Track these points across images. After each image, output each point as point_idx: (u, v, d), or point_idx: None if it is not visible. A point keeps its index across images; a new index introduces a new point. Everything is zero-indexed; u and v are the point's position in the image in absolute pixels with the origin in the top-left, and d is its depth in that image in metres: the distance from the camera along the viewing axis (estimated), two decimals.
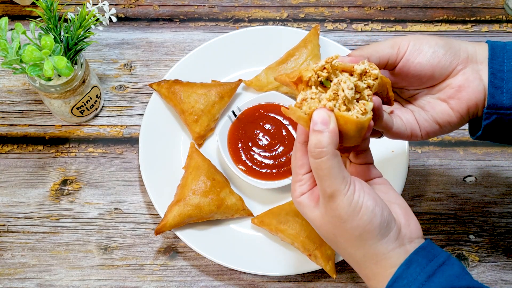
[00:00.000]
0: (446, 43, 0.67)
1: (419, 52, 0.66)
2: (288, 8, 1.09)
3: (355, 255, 0.62)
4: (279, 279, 0.86)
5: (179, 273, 0.86)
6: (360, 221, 0.60)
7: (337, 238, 0.62)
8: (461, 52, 0.66)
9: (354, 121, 0.57)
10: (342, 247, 0.63)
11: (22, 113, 0.99)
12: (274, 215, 0.84)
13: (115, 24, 1.06)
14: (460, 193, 0.92)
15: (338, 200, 0.59)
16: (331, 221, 0.61)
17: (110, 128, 0.97)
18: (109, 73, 1.02)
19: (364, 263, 0.62)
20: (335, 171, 0.59)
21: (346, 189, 0.60)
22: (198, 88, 0.93)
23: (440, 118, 0.69)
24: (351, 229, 0.60)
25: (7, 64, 0.82)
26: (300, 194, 0.64)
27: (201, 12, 1.09)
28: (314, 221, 0.64)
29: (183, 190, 0.85)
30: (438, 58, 0.66)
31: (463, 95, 0.66)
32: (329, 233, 0.63)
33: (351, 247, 0.62)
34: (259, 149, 0.91)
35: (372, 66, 0.60)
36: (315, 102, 0.58)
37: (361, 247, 0.61)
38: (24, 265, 0.87)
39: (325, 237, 0.64)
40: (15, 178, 0.93)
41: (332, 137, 0.57)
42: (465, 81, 0.66)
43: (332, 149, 0.58)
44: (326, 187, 0.59)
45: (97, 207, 0.91)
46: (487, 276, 0.86)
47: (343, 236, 0.61)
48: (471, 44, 0.67)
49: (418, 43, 0.66)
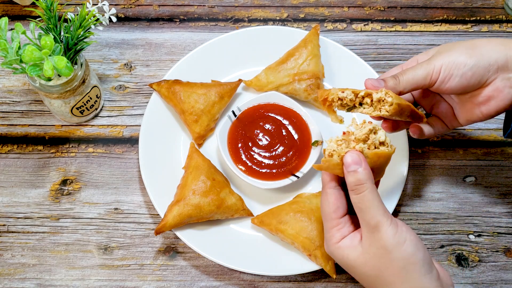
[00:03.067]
0: (475, 63, 0.70)
1: (449, 77, 0.71)
2: (288, 8, 1.09)
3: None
4: (279, 279, 0.86)
5: (179, 273, 0.86)
6: (405, 252, 0.62)
7: (382, 273, 0.63)
8: (490, 66, 0.70)
9: (387, 154, 0.67)
10: (387, 281, 0.64)
11: (22, 113, 0.99)
12: (274, 215, 0.84)
13: (115, 24, 1.06)
14: (460, 193, 0.92)
15: (383, 230, 0.63)
16: (376, 253, 0.63)
17: (110, 128, 0.97)
18: (109, 73, 1.02)
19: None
20: (376, 203, 0.64)
21: (389, 221, 0.64)
22: (198, 88, 0.93)
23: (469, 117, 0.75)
24: (396, 260, 0.62)
25: (7, 64, 0.82)
26: (341, 238, 0.67)
27: (201, 12, 1.09)
28: (356, 260, 0.65)
29: (183, 190, 0.85)
30: (467, 80, 0.70)
31: (492, 103, 0.72)
32: (374, 269, 0.64)
33: (397, 280, 0.63)
34: (259, 149, 0.91)
35: (388, 94, 0.68)
36: (343, 148, 0.66)
37: (406, 280, 0.63)
38: (24, 265, 0.87)
39: (368, 275, 0.65)
40: (15, 178, 0.93)
41: (367, 173, 0.65)
42: (495, 91, 0.71)
43: (371, 184, 0.64)
44: (370, 219, 0.63)
45: (97, 207, 0.91)
46: (487, 276, 0.86)
47: (388, 269, 0.63)
48: (504, 50, 0.70)
49: (448, 68, 0.70)
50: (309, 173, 0.91)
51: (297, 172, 0.89)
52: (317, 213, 0.83)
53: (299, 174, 0.88)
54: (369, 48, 1.05)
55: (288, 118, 0.93)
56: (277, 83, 0.95)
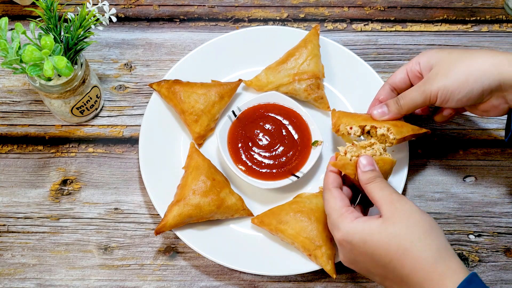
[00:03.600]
0: (469, 91, 0.76)
1: (447, 100, 0.78)
2: (288, 8, 1.09)
3: (431, 248, 0.65)
4: (279, 279, 0.86)
5: (179, 273, 0.86)
6: (428, 215, 0.68)
7: (410, 229, 0.66)
8: (484, 91, 0.76)
9: (391, 162, 0.78)
10: (408, 240, 0.66)
11: (22, 113, 0.99)
12: (274, 215, 0.84)
13: (115, 24, 1.06)
14: (460, 193, 0.92)
15: (403, 200, 0.69)
16: (402, 217, 0.67)
17: (110, 128, 0.97)
18: (109, 73, 1.02)
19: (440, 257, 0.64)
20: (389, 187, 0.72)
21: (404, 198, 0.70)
22: (198, 88, 0.93)
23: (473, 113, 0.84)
24: (422, 221, 0.67)
25: (7, 64, 0.82)
26: (356, 218, 0.70)
27: (201, 12, 1.09)
28: (380, 226, 0.68)
29: (183, 190, 0.85)
30: (463, 103, 0.78)
31: (490, 113, 0.80)
32: (401, 230, 0.66)
33: (426, 239, 0.65)
34: (259, 149, 0.91)
35: (390, 130, 0.81)
36: (355, 152, 0.76)
37: (434, 239, 0.66)
38: (24, 265, 0.87)
39: (387, 241, 0.67)
40: (15, 178, 0.93)
41: (378, 172, 0.74)
42: (491, 107, 0.79)
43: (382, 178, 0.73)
44: (390, 193, 0.70)
45: (97, 207, 0.91)
46: (487, 276, 0.86)
47: (416, 229, 0.66)
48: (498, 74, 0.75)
49: (444, 94, 0.77)
50: (309, 173, 0.91)
51: (297, 172, 0.89)
52: (317, 213, 0.83)
53: (299, 174, 0.88)
54: (369, 48, 1.05)
55: (288, 118, 0.93)
56: (277, 83, 0.95)
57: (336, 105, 0.96)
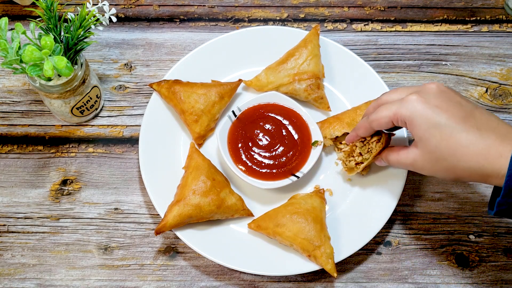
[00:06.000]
0: (453, 178, 0.72)
1: (413, 128, 0.73)
2: (288, 8, 1.09)
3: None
4: (279, 279, 0.86)
5: (179, 273, 0.86)
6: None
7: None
8: (467, 178, 0.72)
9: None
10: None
11: (22, 113, 0.99)
12: (270, 219, 0.84)
13: (115, 24, 1.06)
14: (460, 193, 0.92)
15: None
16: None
17: (110, 128, 0.97)
18: (109, 73, 1.02)
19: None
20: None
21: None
22: (198, 88, 0.93)
23: None
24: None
25: (7, 64, 0.82)
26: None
27: (201, 12, 1.09)
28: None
29: (183, 190, 0.85)
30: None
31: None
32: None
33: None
34: (259, 149, 0.91)
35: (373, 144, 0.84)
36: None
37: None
38: (24, 265, 0.87)
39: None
40: (15, 178, 0.93)
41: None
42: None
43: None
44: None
45: (97, 207, 0.91)
46: (487, 276, 0.86)
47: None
48: (487, 164, 0.68)
49: (420, 165, 0.74)
50: (309, 173, 0.91)
51: (297, 172, 0.89)
52: (314, 213, 0.83)
53: (299, 174, 0.88)
54: (369, 48, 1.05)
55: (288, 118, 0.93)
56: (277, 83, 0.95)
57: (336, 105, 0.96)
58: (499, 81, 1.01)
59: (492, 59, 1.03)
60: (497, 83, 1.01)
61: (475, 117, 0.69)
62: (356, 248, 0.84)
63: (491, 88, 1.01)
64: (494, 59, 1.03)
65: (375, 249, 0.88)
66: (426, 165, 0.72)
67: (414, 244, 0.88)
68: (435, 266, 0.86)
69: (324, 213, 0.85)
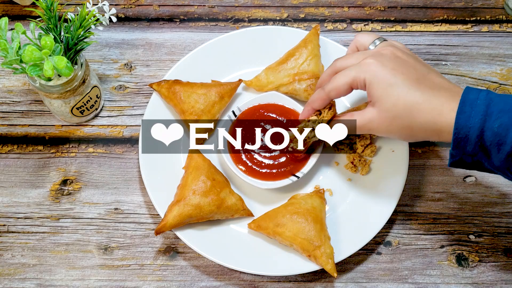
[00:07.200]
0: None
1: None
2: (288, 8, 1.09)
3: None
4: (279, 279, 0.86)
5: (179, 273, 0.86)
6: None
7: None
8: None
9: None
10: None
11: (22, 113, 0.99)
12: (270, 219, 0.84)
13: (115, 24, 1.06)
14: (460, 193, 0.92)
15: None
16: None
17: (110, 128, 0.97)
18: (109, 73, 1.02)
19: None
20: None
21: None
22: (198, 88, 0.93)
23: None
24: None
25: (7, 64, 0.82)
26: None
27: (201, 12, 1.09)
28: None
29: (183, 190, 0.85)
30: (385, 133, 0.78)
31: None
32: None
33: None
34: (259, 149, 0.91)
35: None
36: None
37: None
38: (24, 265, 0.87)
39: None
40: (15, 178, 0.93)
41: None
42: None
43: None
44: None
45: (97, 207, 0.91)
46: (487, 276, 0.86)
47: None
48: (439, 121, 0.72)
49: (375, 125, 0.77)
50: (309, 173, 0.91)
51: (297, 172, 0.89)
52: (314, 213, 0.83)
53: (299, 174, 0.88)
54: None
55: (288, 118, 0.93)
56: (277, 83, 0.95)
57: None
58: (499, 81, 1.01)
59: (492, 59, 1.03)
60: (497, 83, 1.01)
61: (429, 79, 0.74)
62: (356, 248, 0.84)
63: (491, 88, 1.01)
64: (494, 59, 1.03)
65: (375, 249, 0.88)
66: (382, 123, 0.75)
67: (414, 244, 0.88)
68: (435, 266, 0.86)
69: (324, 213, 0.85)
